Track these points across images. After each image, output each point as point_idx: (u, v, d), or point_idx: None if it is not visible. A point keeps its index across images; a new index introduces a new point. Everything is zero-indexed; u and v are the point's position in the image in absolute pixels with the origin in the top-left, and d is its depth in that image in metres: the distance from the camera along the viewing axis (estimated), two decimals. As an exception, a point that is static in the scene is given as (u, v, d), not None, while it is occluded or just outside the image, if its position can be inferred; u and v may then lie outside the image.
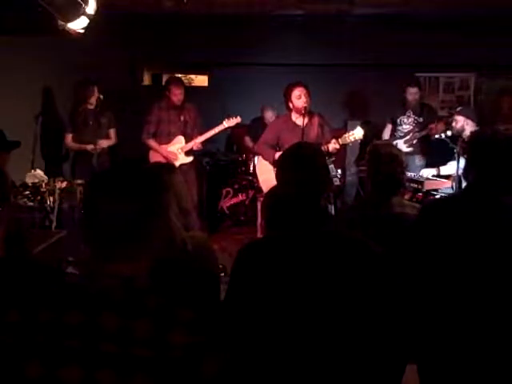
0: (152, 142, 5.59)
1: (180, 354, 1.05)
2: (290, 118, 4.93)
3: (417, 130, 5.89)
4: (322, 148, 4.71)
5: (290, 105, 4.85)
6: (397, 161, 2.61)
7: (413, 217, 2.53)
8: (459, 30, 6.73)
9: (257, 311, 1.66)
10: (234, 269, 1.75)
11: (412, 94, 5.95)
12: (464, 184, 2.38)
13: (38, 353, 1.07)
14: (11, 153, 3.81)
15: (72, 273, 3.42)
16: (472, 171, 2.22)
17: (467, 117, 4.84)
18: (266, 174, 5.05)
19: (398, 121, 6.06)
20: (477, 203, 2.15)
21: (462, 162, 4.51)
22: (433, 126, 5.76)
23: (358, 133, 4.68)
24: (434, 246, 2.18)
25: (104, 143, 5.38)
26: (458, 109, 5.18)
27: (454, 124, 4.88)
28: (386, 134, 6.18)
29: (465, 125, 4.78)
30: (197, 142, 5.54)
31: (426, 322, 2.17)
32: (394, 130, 6.13)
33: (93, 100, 5.34)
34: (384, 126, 6.23)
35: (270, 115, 6.86)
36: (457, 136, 4.80)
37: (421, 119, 5.94)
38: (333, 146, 4.70)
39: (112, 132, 5.58)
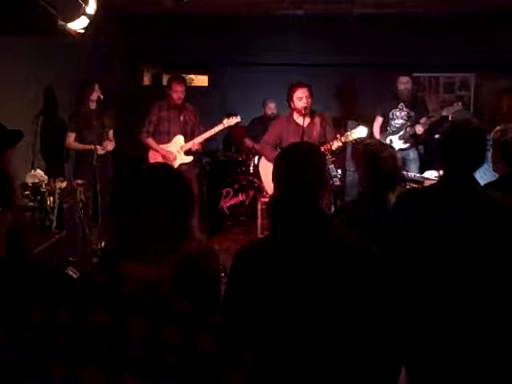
0: (150, 141, 5.58)
1: (206, 361, 1.03)
2: (292, 118, 4.94)
3: (408, 124, 5.88)
4: (326, 146, 4.73)
5: (292, 104, 4.86)
6: (394, 156, 2.64)
7: None
8: (459, 30, 6.74)
9: (254, 313, 1.66)
10: (232, 270, 1.75)
11: (403, 83, 5.93)
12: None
13: (62, 354, 1.05)
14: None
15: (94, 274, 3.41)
16: (444, 162, 2.23)
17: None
18: (269, 175, 5.04)
19: (391, 114, 6.02)
20: (451, 195, 2.15)
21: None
22: (424, 120, 5.75)
23: (361, 131, 4.71)
24: (410, 240, 2.18)
25: (109, 146, 5.39)
26: (450, 116, 5.16)
27: None
28: (377, 128, 6.13)
29: None
30: (195, 143, 5.53)
31: (411, 320, 2.17)
32: (384, 124, 6.09)
33: (94, 99, 5.34)
34: (374, 120, 6.18)
35: (272, 106, 6.86)
36: None
37: (412, 113, 5.93)
38: (337, 144, 4.71)
39: (110, 133, 5.57)
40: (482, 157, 2.18)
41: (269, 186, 5.16)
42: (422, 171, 5.15)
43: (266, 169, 5.22)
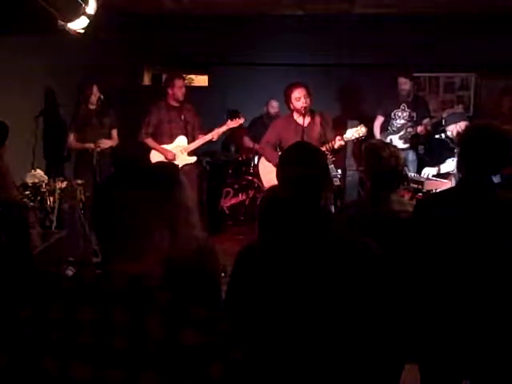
0: (150, 141, 5.58)
1: (190, 354, 1.04)
2: (292, 118, 4.94)
3: (409, 125, 5.90)
4: (328, 146, 4.73)
5: (291, 105, 4.86)
6: (396, 156, 2.63)
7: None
8: (459, 30, 6.73)
9: (256, 313, 1.66)
10: (234, 270, 1.75)
11: (402, 83, 5.99)
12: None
13: (51, 348, 1.07)
14: (11, 152, 3.81)
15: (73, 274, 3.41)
16: (464, 164, 2.23)
17: (455, 122, 4.85)
18: (270, 175, 5.03)
19: (392, 115, 6.07)
20: (470, 197, 2.15)
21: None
22: (426, 122, 5.78)
23: (361, 129, 4.72)
24: (429, 243, 2.18)
25: (107, 143, 5.39)
26: (444, 121, 5.20)
27: (449, 134, 4.91)
28: (377, 127, 6.17)
29: (459, 129, 4.77)
30: (198, 144, 5.55)
31: (425, 319, 2.18)
32: (384, 123, 6.13)
33: (94, 99, 5.35)
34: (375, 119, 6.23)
35: (275, 105, 6.87)
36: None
37: (414, 114, 5.97)
38: (338, 143, 4.72)
39: (114, 132, 5.58)
40: (503, 160, 2.17)
41: (268, 185, 5.14)
42: (419, 172, 5.17)
43: (265, 169, 5.22)
